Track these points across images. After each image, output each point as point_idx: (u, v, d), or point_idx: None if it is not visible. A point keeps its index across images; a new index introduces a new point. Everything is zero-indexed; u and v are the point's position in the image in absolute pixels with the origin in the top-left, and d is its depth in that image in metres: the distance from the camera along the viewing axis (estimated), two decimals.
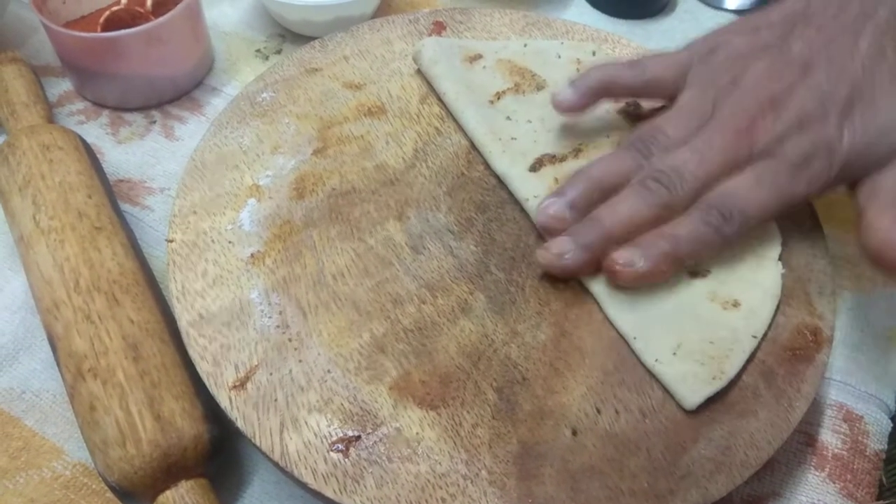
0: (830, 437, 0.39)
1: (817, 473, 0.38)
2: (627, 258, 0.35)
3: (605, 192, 0.38)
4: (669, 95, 0.40)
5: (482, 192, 0.42)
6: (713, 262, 0.38)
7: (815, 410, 0.39)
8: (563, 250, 0.36)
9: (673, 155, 0.37)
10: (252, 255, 0.39)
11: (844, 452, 0.38)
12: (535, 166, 0.41)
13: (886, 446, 0.39)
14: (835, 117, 0.36)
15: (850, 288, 0.44)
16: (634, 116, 0.44)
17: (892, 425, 0.40)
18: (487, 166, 0.43)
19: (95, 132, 0.51)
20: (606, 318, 0.37)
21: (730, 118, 0.37)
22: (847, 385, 0.40)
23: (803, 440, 0.38)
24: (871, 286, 0.44)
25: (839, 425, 0.39)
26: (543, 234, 0.39)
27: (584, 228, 0.37)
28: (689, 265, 0.37)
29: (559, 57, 0.47)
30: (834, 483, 0.37)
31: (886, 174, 0.35)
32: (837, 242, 0.45)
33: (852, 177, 0.36)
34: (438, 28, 0.50)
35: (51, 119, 0.48)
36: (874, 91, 0.36)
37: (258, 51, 0.57)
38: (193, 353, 0.35)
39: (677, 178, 0.36)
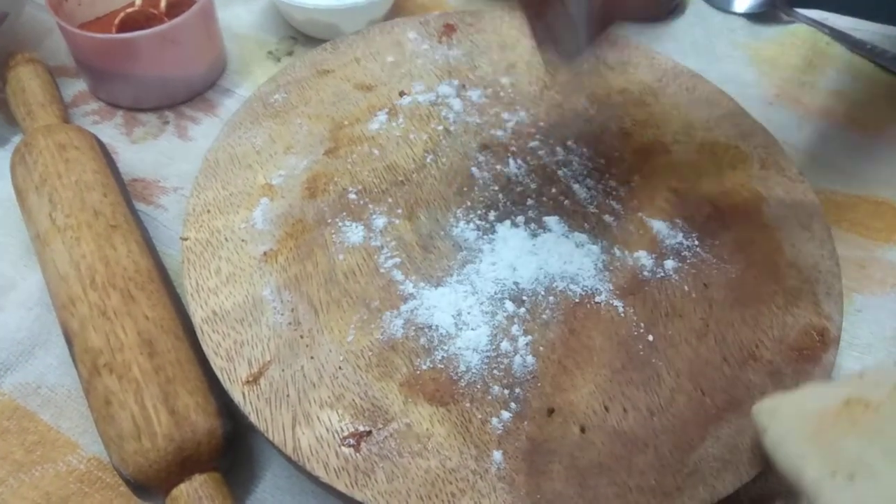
0: None
1: None
2: None
3: None
4: None
5: (491, 191, 0.42)
6: None
7: None
8: None
9: None
10: (265, 253, 0.39)
11: None
12: None
13: None
14: None
15: (859, 290, 0.44)
16: None
17: None
18: (495, 167, 0.43)
19: (110, 132, 0.52)
20: (614, 316, 0.37)
21: None
22: None
23: None
24: (880, 288, 0.44)
25: None
26: None
27: None
28: None
29: None
30: None
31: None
32: (846, 244, 0.45)
33: None
34: (449, 30, 0.51)
35: (66, 119, 0.49)
36: None
37: (270, 53, 0.57)
38: (207, 349, 0.35)
39: None
